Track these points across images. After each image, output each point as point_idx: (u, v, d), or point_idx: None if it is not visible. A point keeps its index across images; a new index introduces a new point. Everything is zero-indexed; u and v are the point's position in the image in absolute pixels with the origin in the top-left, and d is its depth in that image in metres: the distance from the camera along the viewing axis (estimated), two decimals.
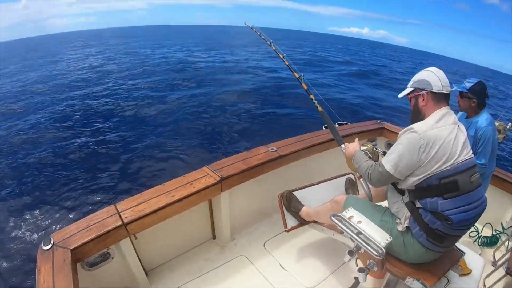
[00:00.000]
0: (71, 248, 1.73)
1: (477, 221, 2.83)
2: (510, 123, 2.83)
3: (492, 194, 3.01)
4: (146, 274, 2.42)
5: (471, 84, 2.43)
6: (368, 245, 1.59)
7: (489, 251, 2.98)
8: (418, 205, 1.62)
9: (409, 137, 1.56)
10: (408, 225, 1.66)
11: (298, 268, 2.55)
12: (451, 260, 1.86)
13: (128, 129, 8.80)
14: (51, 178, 6.45)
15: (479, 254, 2.54)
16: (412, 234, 1.66)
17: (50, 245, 1.74)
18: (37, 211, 5.35)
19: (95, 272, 2.08)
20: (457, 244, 1.99)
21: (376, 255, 1.54)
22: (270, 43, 2.91)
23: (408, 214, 1.67)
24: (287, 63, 2.75)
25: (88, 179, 6.33)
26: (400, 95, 1.88)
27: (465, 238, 3.12)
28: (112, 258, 2.14)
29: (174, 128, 8.84)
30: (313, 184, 2.68)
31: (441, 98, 1.68)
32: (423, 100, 1.70)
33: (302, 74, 2.67)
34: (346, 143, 2.26)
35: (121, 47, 35.96)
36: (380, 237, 1.61)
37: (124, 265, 2.24)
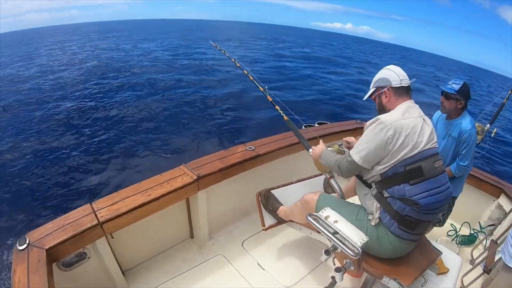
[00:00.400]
0: (47, 248, 1.70)
1: (455, 220, 2.91)
2: (488, 125, 2.89)
3: (469, 193, 3.09)
4: (123, 274, 2.39)
5: (460, 86, 2.40)
6: (345, 245, 1.61)
7: (467, 250, 3.05)
8: (386, 194, 1.66)
9: (376, 128, 1.62)
10: (379, 216, 1.70)
11: (276, 267, 2.56)
12: (428, 259, 1.89)
13: (105, 128, 8.67)
14: (26, 175, 6.32)
15: (457, 253, 2.59)
16: (383, 225, 1.70)
17: (25, 245, 1.70)
18: (13, 210, 5.24)
19: (72, 272, 2.05)
20: (434, 244, 2.04)
21: (352, 255, 1.56)
22: (234, 60, 2.95)
23: (378, 205, 1.70)
24: (251, 78, 2.79)
25: (64, 177, 6.22)
26: (364, 98, 1.96)
27: (443, 236, 3.19)
28: (89, 258, 2.11)
29: (152, 126, 8.77)
30: (292, 183, 2.70)
31: (402, 92, 1.77)
32: (386, 96, 1.79)
33: (266, 86, 2.73)
34: (312, 147, 2.28)
35: (101, 42, 35.06)
36: (356, 237, 1.62)
37: (101, 265, 2.21)
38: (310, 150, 2.29)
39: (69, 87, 13.16)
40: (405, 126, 1.59)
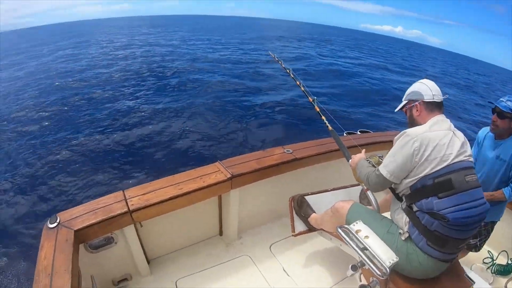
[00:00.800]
0: (75, 229, 1.75)
1: (493, 248, 2.71)
2: None
3: (510, 220, 2.90)
4: (148, 262, 2.43)
5: None
6: (373, 263, 1.54)
7: (502, 281, 2.84)
8: (415, 208, 1.62)
9: (403, 141, 1.61)
10: (408, 230, 1.65)
11: (301, 275, 2.50)
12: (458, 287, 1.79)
13: (147, 119, 8.88)
14: (64, 158, 6.62)
15: (491, 283, 2.45)
16: (412, 241, 1.64)
17: (55, 224, 1.76)
18: (47, 191, 5.49)
19: (97, 255, 2.10)
20: (467, 271, 1.92)
21: (379, 275, 1.49)
22: (289, 70, 2.98)
23: (407, 219, 1.66)
24: (303, 89, 2.80)
25: (100, 163, 6.45)
26: (396, 110, 1.95)
27: (478, 263, 2.99)
28: (116, 243, 2.16)
29: (192, 122, 8.85)
30: (326, 191, 2.63)
31: (434, 107, 1.74)
32: (417, 110, 1.77)
33: (315, 97, 2.73)
34: (352, 156, 2.24)
35: (148, 36, 35.93)
36: (386, 256, 1.56)
37: (127, 251, 2.25)
38: (350, 160, 2.24)
39: (116, 82, 13.61)
40: (432, 138, 1.57)
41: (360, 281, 1.78)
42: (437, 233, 1.55)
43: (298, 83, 2.85)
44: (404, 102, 1.87)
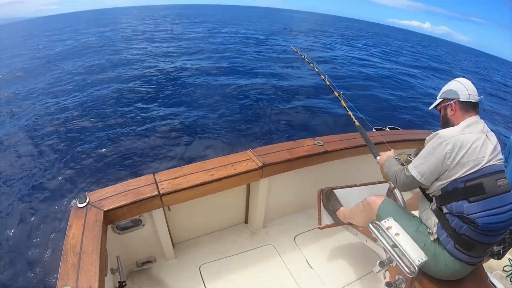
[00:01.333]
0: (105, 209, 1.77)
1: None
2: None
3: None
4: (173, 246, 2.46)
5: None
6: (402, 260, 1.53)
7: None
8: (444, 210, 1.61)
9: (435, 143, 1.58)
10: (437, 232, 1.64)
11: (324, 268, 2.50)
12: None
13: (180, 105, 8.91)
14: (95, 139, 6.73)
15: None
16: (440, 242, 1.64)
17: (85, 204, 1.78)
18: (76, 171, 5.57)
19: (124, 236, 2.13)
20: (490, 277, 1.90)
21: (408, 273, 1.48)
22: (313, 65, 2.95)
23: (436, 220, 1.65)
24: (328, 83, 2.77)
25: (131, 146, 6.50)
26: (430, 108, 1.90)
27: (498, 270, 2.89)
28: (143, 225, 2.18)
29: (225, 111, 8.80)
30: (355, 185, 2.60)
31: (469, 107, 1.69)
32: (451, 109, 1.73)
33: (341, 92, 2.71)
34: (380, 153, 2.22)
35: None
36: (415, 255, 1.53)
37: (154, 234, 2.28)
38: (378, 157, 2.23)
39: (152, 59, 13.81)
40: (464, 141, 1.53)
41: (385, 278, 1.76)
42: (465, 237, 1.54)
43: (322, 77, 2.81)
44: (438, 100, 1.82)
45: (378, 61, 21.98)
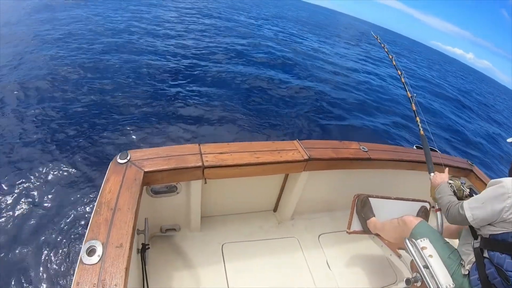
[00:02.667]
0: (146, 170, 1.75)
1: None
2: None
3: None
4: (200, 219, 2.48)
5: None
6: (429, 282, 1.54)
7: None
8: (485, 254, 1.56)
9: (497, 192, 1.52)
10: (469, 270, 1.62)
11: (342, 272, 2.50)
12: None
13: (236, 87, 8.81)
14: (147, 98, 6.76)
15: None
16: (470, 280, 1.61)
17: (125, 160, 1.76)
18: (123, 126, 5.56)
19: (156, 199, 2.14)
20: None
21: None
22: (392, 57, 2.89)
23: (473, 259, 1.62)
24: (403, 80, 2.73)
25: (178, 112, 6.48)
26: (508, 140, 1.87)
27: None
28: (178, 193, 2.19)
29: (281, 100, 8.67)
30: (390, 198, 2.58)
31: None
32: None
33: (415, 94, 2.67)
34: (436, 172, 2.18)
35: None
36: (444, 280, 1.54)
37: (186, 204, 2.29)
38: (432, 174, 2.19)
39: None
40: None
41: None
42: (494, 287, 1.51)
43: (399, 72, 2.76)
44: None
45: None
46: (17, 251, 3.18)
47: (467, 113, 16.84)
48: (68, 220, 3.57)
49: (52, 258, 3.17)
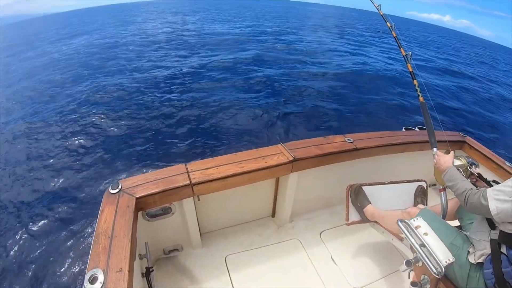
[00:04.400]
0: (137, 196, 1.80)
1: None
2: None
3: None
4: (200, 235, 2.50)
5: None
6: (429, 260, 1.51)
7: None
8: (503, 249, 1.46)
9: None
10: (483, 262, 1.55)
11: (348, 265, 2.50)
12: None
13: (210, 96, 8.95)
14: (127, 129, 6.83)
15: None
16: (482, 272, 1.55)
17: (117, 190, 1.81)
18: (109, 159, 5.69)
19: (153, 223, 2.18)
20: None
21: (435, 273, 1.46)
22: (379, 6, 2.72)
23: (488, 251, 1.53)
24: (394, 35, 2.53)
25: (162, 136, 6.56)
26: None
27: None
28: (173, 213, 2.23)
29: (253, 103, 8.75)
30: (384, 183, 2.58)
31: None
32: None
33: (409, 52, 2.41)
34: (438, 153, 2.06)
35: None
36: (442, 255, 1.51)
37: (182, 223, 2.33)
38: (435, 149, 2.10)
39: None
40: None
41: (409, 278, 1.74)
42: (509, 285, 1.44)
43: (389, 25, 2.59)
44: None
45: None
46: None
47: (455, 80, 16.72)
48: (71, 254, 3.69)
49: None
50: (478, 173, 2.03)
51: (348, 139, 2.61)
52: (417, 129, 3.52)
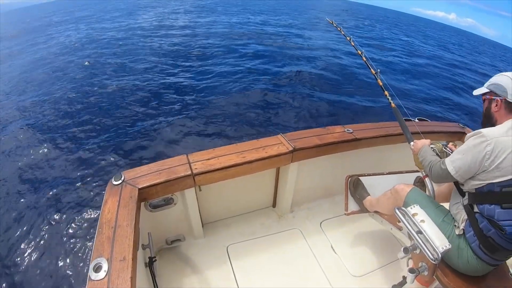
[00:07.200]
0: (140, 187, 1.83)
1: None
2: None
3: None
4: (202, 225, 2.53)
5: None
6: (426, 246, 1.54)
7: None
8: (475, 209, 1.57)
9: (476, 141, 1.51)
10: (464, 228, 1.63)
11: (348, 254, 2.53)
12: (504, 286, 1.76)
13: (212, 93, 8.83)
14: (129, 120, 6.85)
15: None
16: (466, 238, 1.63)
17: (120, 181, 1.84)
18: (112, 151, 5.69)
19: (156, 214, 2.20)
20: None
21: (432, 259, 1.49)
22: (350, 39, 2.92)
23: (465, 217, 1.63)
24: (364, 59, 2.74)
25: (163, 127, 6.56)
26: (474, 92, 1.82)
27: None
28: (175, 204, 2.25)
29: (258, 98, 8.65)
30: (382, 174, 2.61)
31: None
32: (496, 105, 1.65)
33: (378, 70, 2.68)
34: (415, 140, 2.16)
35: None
36: (439, 242, 1.55)
37: (184, 213, 2.35)
38: (412, 143, 2.18)
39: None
40: (507, 145, 1.44)
41: (408, 265, 1.78)
42: (491, 240, 1.52)
43: (359, 52, 2.78)
44: (485, 90, 1.72)
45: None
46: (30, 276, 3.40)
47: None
48: (77, 244, 3.76)
49: (64, 279, 3.38)
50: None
51: (347, 130, 2.63)
52: (417, 120, 3.55)
